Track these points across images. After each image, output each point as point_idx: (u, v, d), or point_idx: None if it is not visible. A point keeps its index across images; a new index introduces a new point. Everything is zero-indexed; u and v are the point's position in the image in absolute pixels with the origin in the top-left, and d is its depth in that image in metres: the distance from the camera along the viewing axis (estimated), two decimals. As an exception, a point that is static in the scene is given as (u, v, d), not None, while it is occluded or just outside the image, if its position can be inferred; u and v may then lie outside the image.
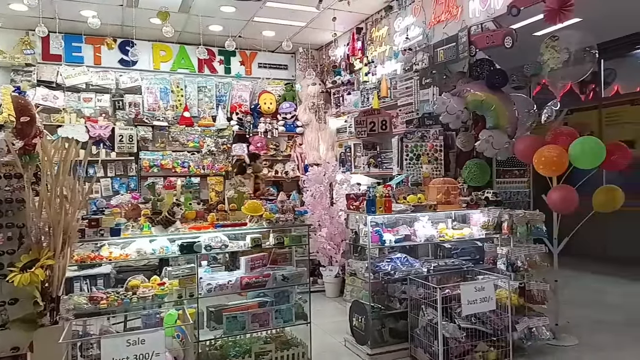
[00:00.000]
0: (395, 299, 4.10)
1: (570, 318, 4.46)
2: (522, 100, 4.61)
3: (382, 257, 4.16)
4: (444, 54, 4.96)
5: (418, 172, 4.92)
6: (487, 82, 4.44)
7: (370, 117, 5.69)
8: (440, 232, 4.20)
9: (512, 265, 3.98)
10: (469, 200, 4.34)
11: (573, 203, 3.92)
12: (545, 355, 3.82)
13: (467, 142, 4.71)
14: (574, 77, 4.16)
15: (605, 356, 3.82)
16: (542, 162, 3.94)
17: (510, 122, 4.39)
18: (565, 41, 3.92)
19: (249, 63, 7.96)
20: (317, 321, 4.13)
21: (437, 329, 3.53)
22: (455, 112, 4.41)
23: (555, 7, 3.70)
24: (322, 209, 6.06)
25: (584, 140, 3.86)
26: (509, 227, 4.04)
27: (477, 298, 3.62)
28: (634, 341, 4.09)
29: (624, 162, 4.12)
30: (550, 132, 4.15)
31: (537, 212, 4.11)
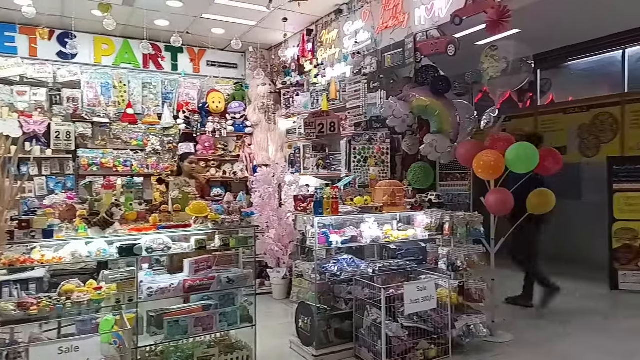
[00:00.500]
0: (341, 300, 4.14)
1: (505, 315, 4.69)
2: (464, 106, 4.80)
3: (329, 259, 4.19)
4: (392, 59, 5.08)
5: (365, 174, 5.00)
6: (431, 88, 4.58)
7: (319, 119, 5.73)
8: (386, 233, 4.29)
9: (452, 265, 4.12)
10: (414, 202, 4.46)
11: (508, 205, 4.12)
12: (483, 351, 3.99)
13: (412, 146, 4.85)
14: (512, 86, 4.38)
15: (538, 351, 4.03)
16: (480, 166, 4.12)
17: (452, 127, 4.56)
18: (504, 51, 4.12)
19: (197, 61, 7.78)
20: (263, 324, 4.09)
21: (380, 329, 3.61)
22: (402, 116, 4.53)
23: (495, 18, 3.89)
24: (270, 210, 6.02)
25: (519, 146, 4.07)
26: (450, 229, 4.19)
27: (420, 297, 3.74)
28: (565, 336, 4.36)
29: (555, 167, 4.38)
30: (488, 138, 4.34)
31: (476, 214, 4.29)
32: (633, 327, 4.57)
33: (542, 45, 7.13)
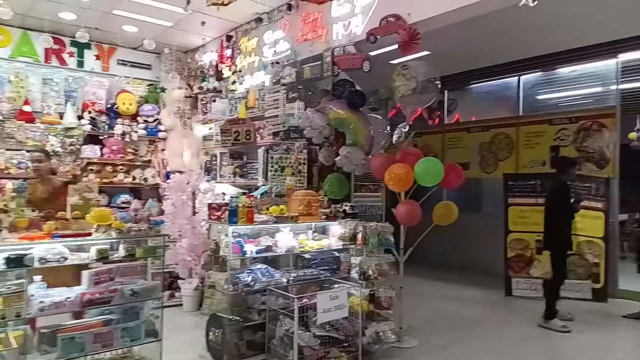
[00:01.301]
0: (254, 311, 4.08)
1: (412, 321, 4.91)
2: (378, 121, 5.00)
3: (243, 268, 4.12)
4: (310, 71, 5.17)
5: (282, 184, 5.00)
6: (347, 101, 4.72)
7: (235, 126, 5.64)
8: (301, 242, 4.32)
9: (364, 274, 4.24)
10: (329, 212, 4.55)
11: (416, 216, 4.34)
12: (390, 357, 4.13)
13: (329, 157, 4.94)
14: (421, 104, 4.64)
15: (441, 355, 4.26)
16: (392, 179, 4.30)
17: (367, 140, 4.72)
18: (414, 71, 4.36)
19: (107, 58, 7.32)
20: (171, 338, 3.90)
21: (293, 339, 3.59)
22: (319, 128, 4.61)
23: (406, 39, 4.12)
24: (183, 218, 5.79)
25: (426, 160, 4.31)
26: (362, 239, 4.31)
27: (332, 306, 3.78)
28: (466, 340, 4.65)
29: (458, 181, 4.69)
30: (399, 152, 4.55)
31: (387, 225, 4.46)
32: (524, 332, 5.01)
33: (449, 68, 7.68)
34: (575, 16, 5.28)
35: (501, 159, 7.90)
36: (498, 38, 6.21)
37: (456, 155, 8.44)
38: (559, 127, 7.15)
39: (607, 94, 6.86)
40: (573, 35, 6.12)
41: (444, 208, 4.67)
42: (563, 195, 5.28)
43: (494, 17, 4.59)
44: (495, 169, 7.95)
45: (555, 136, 7.18)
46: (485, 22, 5.12)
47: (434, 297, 6.38)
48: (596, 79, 7.01)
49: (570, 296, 6.23)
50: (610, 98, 6.76)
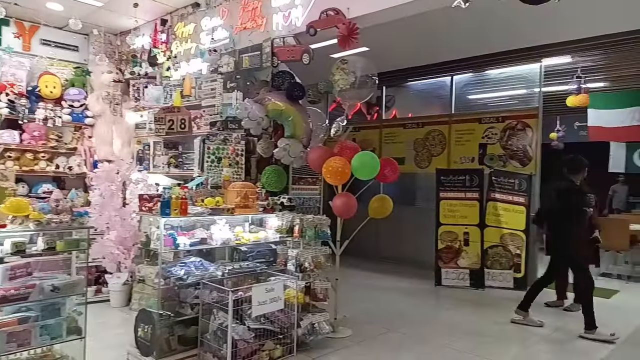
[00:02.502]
0: (186, 305, 3.96)
1: (347, 312, 5.00)
2: (317, 114, 5.01)
3: (175, 262, 3.99)
4: (249, 61, 5.07)
5: (219, 175, 4.89)
6: (287, 93, 4.69)
7: (170, 114, 5.43)
8: (237, 235, 4.25)
9: (300, 266, 4.25)
10: (266, 204, 4.50)
11: (352, 209, 4.41)
12: (325, 347, 4.18)
13: (267, 149, 4.89)
14: (359, 98, 4.71)
15: (373, 343, 4.38)
16: (329, 172, 4.34)
17: (305, 133, 4.72)
18: (353, 65, 4.41)
19: (28, 37, 6.75)
20: (97, 335, 3.71)
21: (227, 332, 3.54)
22: (257, 119, 4.54)
23: (345, 33, 4.15)
24: (112, 210, 5.51)
25: (362, 154, 4.39)
26: (299, 231, 4.33)
27: (267, 299, 3.77)
28: (398, 328, 4.81)
29: (394, 175, 4.82)
30: (337, 145, 4.60)
31: (324, 217, 4.50)
32: (451, 320, 5.26)
33: (388, 65, 7.84)
34: (503, 21, 5.57)
35: (434, 155, 8.22)
36: (433, 38, 6.42)
37: (393, 150, 8.67)
38: (488, 125, 7.55)
39: (531, 96, 7.33)
40: (501, 39, 6.47)
41: (379, 201, 4.78)
42: (574, 198, 4.86)
43: (429, 17, 4.74)
44: (428, 164, 8.25)
45: (484, 134, 7.57)
46: (421, 21, 5.27)
47: (368, 288, 6.54)
48: (521, 81, 7.47)
49: (494, 285, 6.65)
50: (534, 100, 7.23)
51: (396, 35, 6.20)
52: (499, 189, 6.88)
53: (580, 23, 5.76)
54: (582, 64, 7.44)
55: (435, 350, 4.26)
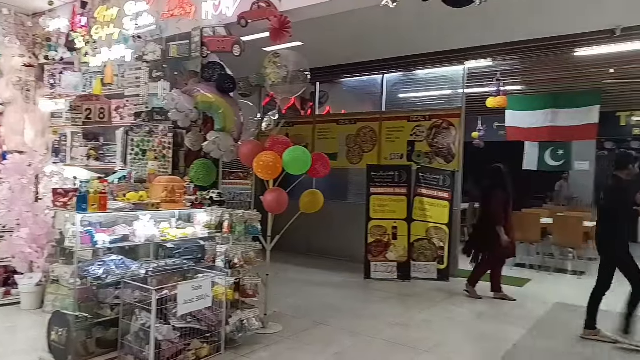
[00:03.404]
0: (106, 306, 3.76)
1: (277, 307, 4.99)
2: (248, 107, 4.92)
3: (94, 260, 3.75)
4: (177, 50, 4.87)
5: (143, 169, 4.65)
6: (217, 85, 4.56)
7: (87, 103, 5.08)
8: (163, 231, 4.08)
9: (229, 263, 4.18)
10: (194, 199, 4.36)
11: (283, 204, 4.39)
12: (254, 344, 4.14)
13: (196, 142, 4.72)
14: (291, 93, 4.68)
15: (303, 337, 4.40)
16: (260, 167, 4.28)
17: (236, 126, 4.62)
18: (285, 59, 4.38)
19: None
20: (4, 340, 3.40)
21: (149, 333, 3.39)
22: (185, 111, 4.37)
23: (277, 26, 4.10)
24: (23, 205, 5.08)
25: (293, 149, 4.38)
26: (229, 226, 4.24)
27: (194, 297, 3.66)
28: (328, 322, 4.86)
29: (325, 170, 4.85)
30: (268, 140, 4.55)
31: (255, 212, 4.44)
32: (379, 311, 5.41)
33: (322, 61, 7.90)
34: (429, 23, 5.79)
35: (366, 151, 8.39)
36: (365, 36, 6.54)
37: (326, 146, 8.74)
38: (416, 123, 7.82)
39: (455, 96, 7.70)
40: (428, 40, 6.73)
41: (310, 196, 4.79)
42: (621, 195, 4.64)
43: (360, 15, 4.82)
44: (360, 160, 8.41)
45: (412, 132, 7.84)
46: (352, 19, 5.36)
47: (300, 283, 6.56)
48: (447, 82, 7.83)
49: (419, 277, 6.94)
50: (458, 100, 7.60)
51: (329, 31, 6.25)
52: (425, 184, 7.18)
53: (500, 28, 6.13)
54: (501, 67, 7.93)
55: (363, 341, 4.36)
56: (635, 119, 11.55)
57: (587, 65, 7.63)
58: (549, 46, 6.53)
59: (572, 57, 7.09)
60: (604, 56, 6.95)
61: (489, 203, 5.97)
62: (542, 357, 4.22)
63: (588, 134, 9.41)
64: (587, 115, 8.97)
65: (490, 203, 5.94)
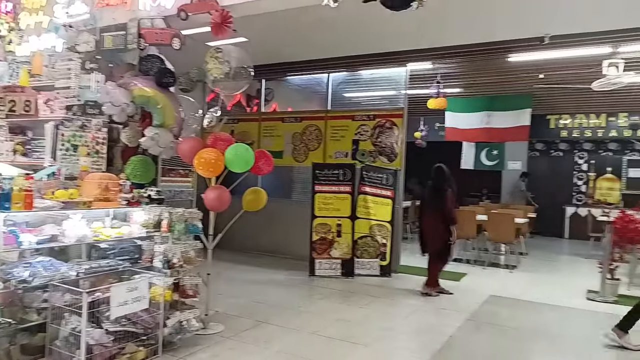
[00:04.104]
0: (32, 310, 3.53)
1: (220, 307, 4.91)
2: (190, 103, 4.80)
3: (19, 262, 3.52)
4: (112, 41, 4.66)
5: (75, 165, 4.42)
6: (156, 79, 4.41)
7: (11, 94, 4.75)
8: (96, 231, 3.90)
9: (168, 263, 4.05)
10: (130, 197, 4.20)
11: (225, 202, 4.32)
12: (194, 345, 4.05)
13: (133, 138, 4.55)
14: (234, 90, 4.61)
15: (245, 336, 4.36)
16: (201, 164, 4.19)
17: (176, 122, 4.49)
18: (227, 55, 4.30)
19: None
20: None
21: (80, 337, 3.22)
22: (121, 105, 4.20)
23: (218, 20, 4.02)
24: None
25: (236, 146, 4.32)
26: (167, 225, 4.11)
27: (129, 299, 3.52)
28: (271, 320, 4.83)
29: (268, 169, 4.82)
30: (210, 137, 4.46)
31: (195, 210, 4.33)
32: (322, 307, 5.47)
33: (267, 58, 7.83)
34: (371, 25, 5.87)
35: (311, 149, 8.43)
36: (310, 35, 6.57)
37: (271, 144, 8.71)
38: (360, 122, 7.95)
39: (397, 97, 7.90)
40: (371, 41, 6.85)
41: (253, 194, 4.75)
42: None
43: (303, 13, 4.83)
44: (305, 158, 8.44)
45: (357, 131, 7.97)
46: (295, 16, 5.36)
47: (243, 282, 6.49)
48: (390, 83, 8.02)
49: (362, 273, 7.07)
50: (400, 101, 7.80)
51: (275, 28, 6.21)
52: (369, 183, 7.31)
53: (439, 33, 6.35)
54: (441, 70, 8.23)
55: (305, 339, 4.38)
56: (563, 122, 12.37)
57: (520, 70, 8.09)
58: (485, 51, 6.85)
59: (506, 63, 7.49)
60: (535, 62, 7.39)
61: (443, 203, 6.06)
62: (476, 347, 4.43)
63: (520, 136, 9.99)
64: (519, 118, 9.53)
65: (445, 203, 6.05)
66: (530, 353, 4.29)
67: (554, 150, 13.34)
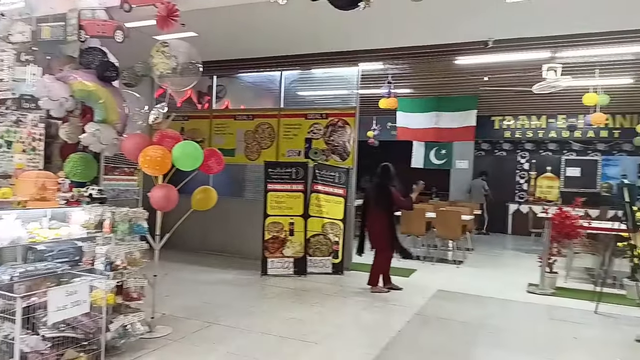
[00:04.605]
0: (-42, 319, 3.29)
1: (168, 309, 4.78)
2: (134, 98, 4.63)
3: (-57, 267, 3.27)
4: (50, 32, 4.41)
5: (9, 163, 4.15)
6: (97, 73, 4.22)
7: None
8: (32, 232, 3.68)
9: (110, 265, 3.89)
10: (70, 197, 4.01)
11: (172, 201, 4.20)
12: (139, 349, 3.92)
13: (72, 134, 4.33)
14: (182, 86, 4.49)
15: (194, 338, 4.26)
16: (146, 162, 4.04)
17: (120, 118, 4.32)
18: (175, 50, 4.18)
19: None
20: None
21: (13, 345, 3.04)
22: (59, 99, 3.99)
23: (164, 14, 3.90)
24: None
25: (184, 144, 4.21)
26: (110, 226, 3.95)
27: (68, 303, 3.35)
28: (221, 321, 4.75)
29: (218, 167, 4.72)
30: (157, 134, 4.32)
31: (140, 210, 4.18)
32: (273, 306, 5.44)
33: (219, 54, 7.69)
34: (322, 23, 5.90)
35: (264, 148, 8.36)
36: (262, 31, 6.49)
37: (223, 142, 8.57)
38: (313, 121, 7.97)
39: (350, 96, 7.98)
40: (323, 40, 6.87)
41: (202, 193, 4.65)
42: None
43: (253, 10, 4.77)
44: (258, 157, 8.36)
45: (310, 129, 7.98)
46: (246, 13, 5.29)
47: (193, 283, 6.35)
48: (342, 82, 8.09)
49: (315, 271, 7.09)
50: (352, 100, 7.89)
51: (225, 24, 6.10)
52: (322, 181, 7.34)
53: (388, 34, 6.46)
54: (392, 71, 8.39)
55: (256, 339, 4.34)
56: (506, 123, 12.94)
57: (466, 72, 8.37)
58: (432, 53, 7.05)
59: (453, 65, 7.73)
60: (480, 65, 7.68)
61: (388, 200, 6.21)
62: (423, 341, 4.55)
63: (467, 136, 10.37)
64: (466, 119, 9.89)
65: (391, 200, 6.21)
66: (475, 345, 4.46)
67: (498, 150, 13.95)
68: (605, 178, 12.70)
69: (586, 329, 5.00)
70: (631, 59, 7.31)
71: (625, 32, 5.88)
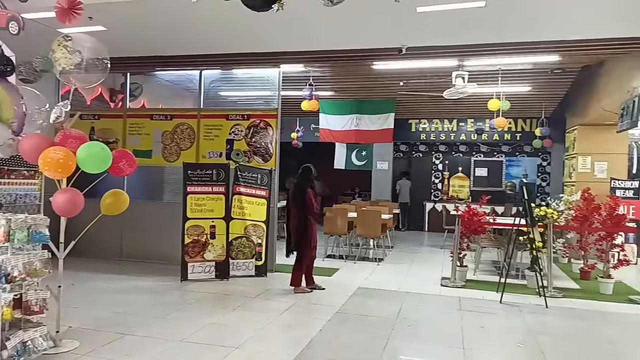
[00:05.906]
0: None
1: (76, 321, 4.46)
2: (33, 95, 4.27)
3: None
4: None
5: None
6: (-10, 67, 3.84)
7: None
8: None
9: (6, 277, 3.55)
10: (-44, 203, 3.60)
11: (77, 207, 3.93)
12: (41, 367, 3.62)
13: (-41, 134, 3.90)
14: (87, 82, 4.21)
15: (104, 351, 4.00)
16: (47, 164, 3.74)
17: (16, 117, 3.96)
18: (79, 44, 3.91)
19: None
20: None
21: None
22: (-58, 95, 3.57)
23: (65, 6, 3.64)
24: None
25: (90, 145, 3.95)
26: (5, 234, 3.60)
27: (-47, 321, 3.02)
28: (135, 331, 4.51)
29: (130, 169, 4.48)
30: (59, 134, 4.02)
31: (41, 216, 3.87)
32: (193, 313, 5.26)
33: (133, 50, 7.32)
34: (241, 23, 5.81)
35: (183, 149, 8.10)
36: (177, 29, 6.29)
37: (139, 142, 8.18)
38: (234, 122, 7.85)
39: (272, 97, 7.95)
40: (244, 40, 6.80)
41: (112, 197, 4.40)
42: None
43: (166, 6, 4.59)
44: (177, 158, 8.08)
45: (231, 130, 7.85)
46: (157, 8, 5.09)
47: (107, 292, 5.97)
48: (264, 83, 8.05)
49: (238, 274, 6.99)
50: (274, 101, 7.86)
51: (136, 19, 5.82)
52: (244, 183, 7.25)
53: (308, 36, 6.54)
54: (313, 73, 8.50)
55: (172, 347, 4.17)
56: (422, 126, 13.61)
57: (384, 77, 8.71)
58: (350, 58, 7.25)
59: (371, 69, 8.00)
60: (395, 70, 8.03)
61: (304, 200, 6.28)
62: (343, 339, 4.64)
63: (386, 138, 10.78)
64: (384, 121, 10.29)
65: (305, 200, 6.26)
66: (393, 339, 4.63)
67: (415, 152, 14.66)
68: (509, 177, 13.84)
69: (492, 318, 5.39)
70: (529, 69, 8.04)
71: (526, 44, 6.44)
